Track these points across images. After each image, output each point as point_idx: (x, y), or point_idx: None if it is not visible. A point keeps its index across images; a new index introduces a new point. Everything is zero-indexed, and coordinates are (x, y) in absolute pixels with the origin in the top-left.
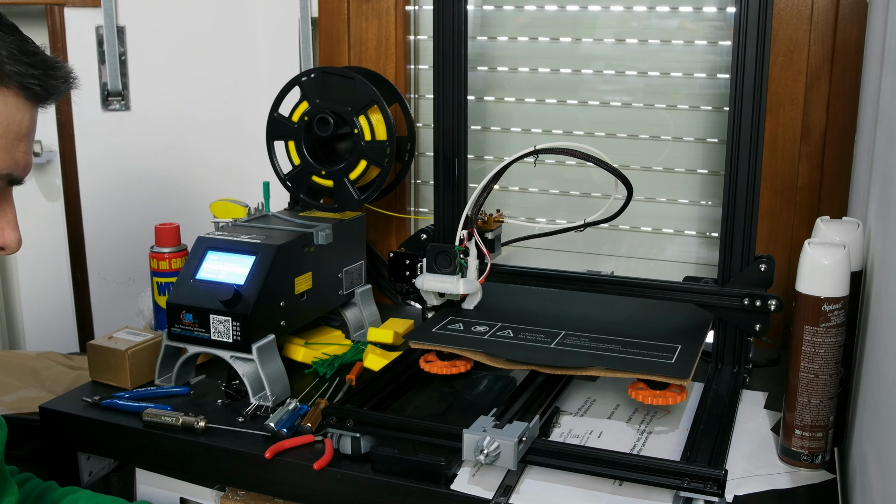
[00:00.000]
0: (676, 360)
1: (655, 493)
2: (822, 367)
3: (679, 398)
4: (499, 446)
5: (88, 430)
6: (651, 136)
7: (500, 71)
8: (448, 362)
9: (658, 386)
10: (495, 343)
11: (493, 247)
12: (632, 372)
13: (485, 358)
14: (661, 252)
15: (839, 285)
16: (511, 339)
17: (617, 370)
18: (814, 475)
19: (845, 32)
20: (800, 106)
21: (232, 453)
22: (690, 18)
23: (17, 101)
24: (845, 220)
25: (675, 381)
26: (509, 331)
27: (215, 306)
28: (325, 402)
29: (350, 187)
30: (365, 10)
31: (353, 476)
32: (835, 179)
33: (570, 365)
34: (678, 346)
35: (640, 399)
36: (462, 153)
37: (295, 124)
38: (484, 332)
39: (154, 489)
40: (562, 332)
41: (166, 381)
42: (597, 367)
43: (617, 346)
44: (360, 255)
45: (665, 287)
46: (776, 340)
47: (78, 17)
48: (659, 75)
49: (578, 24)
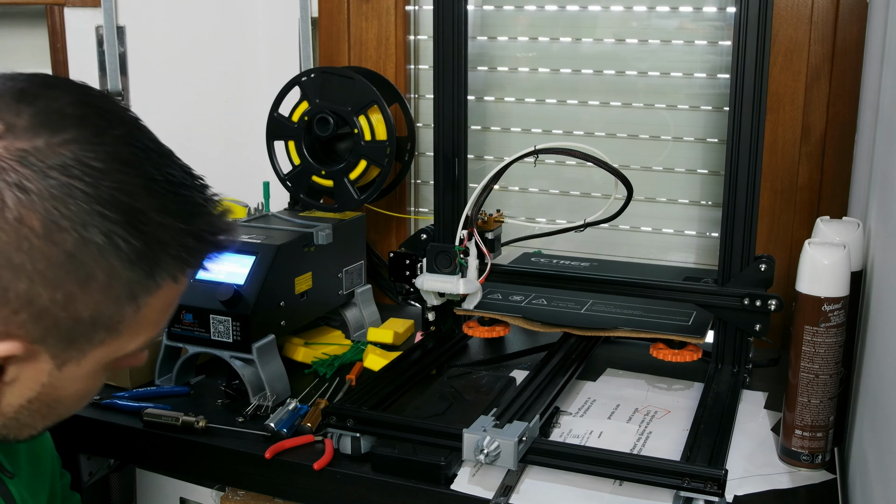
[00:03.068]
0: (693, 322)
1: (655, 493)
2: (822, 367)
3: (696, 356)
4: (499, 446)
5: (88, 429)
6: (651, 136)
7: (500, 71)
8: (488, 327)
9: (677, 345)
10: (532, 309)
11: (493, 247)
12: (653, 332)
13: (523, 322)
14: (661, 252)
15: (839, 285)
16: (545, 306)
17: (640, 330)
18: (814, 475)
19: (845, 32)
20: (800, 106)
21: (232, 453)
22: (690, 18)
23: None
24: (845, 220)
25: (692, 340)
26: (543, 299)
27: (215, 306)
28: (325, 402)
29: (350, 187)
30: (365, 10)
31: (353, 476)
32: (835, 179)
33: (599, 326)
34: (693, 312)
35: (660, 357)
36: (462, 153)
37: (295, 124)
38: (521, 301)
39: (154, 489)
40: (590, 300)
41: (166, 381)
42: (622, 328)
43: (640, 311)
44: (360, 255)
45: (665, 287)
46: (776, 340)
47: (78, 17)
48: (659, 75)
49: (578, 24)
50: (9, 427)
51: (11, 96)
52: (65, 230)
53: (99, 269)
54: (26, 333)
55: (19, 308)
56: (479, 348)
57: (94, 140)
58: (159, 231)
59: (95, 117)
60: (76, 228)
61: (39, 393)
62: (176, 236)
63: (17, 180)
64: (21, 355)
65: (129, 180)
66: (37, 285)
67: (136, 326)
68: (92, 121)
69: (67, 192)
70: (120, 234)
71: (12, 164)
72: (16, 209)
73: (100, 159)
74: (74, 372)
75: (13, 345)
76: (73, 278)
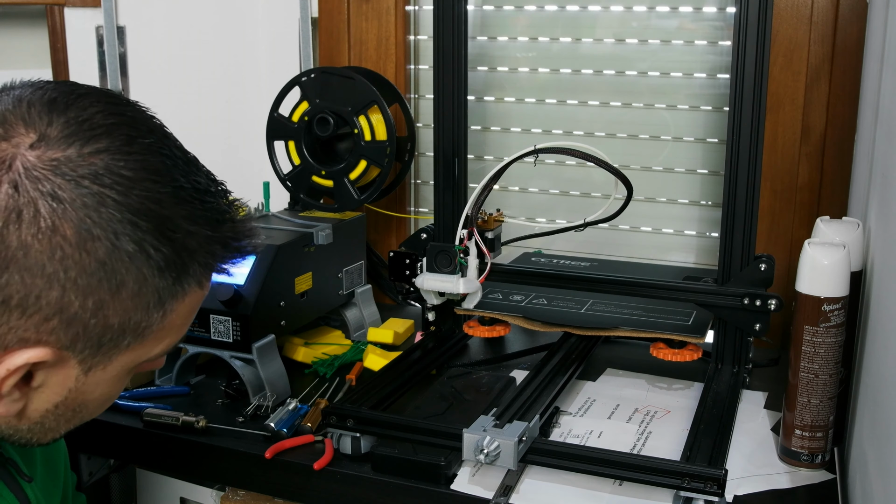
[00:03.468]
0: (693, 322)
1: (655, 493)
2: (822, 367)
3: (696, 355)
4: (499, 446)
5: (88, 429)
6: (651, 136)
7: (500, 71)
8: (489, 327)
9: (677, 345)
10: (532, 309)
11: (493, 246)
12: (653, 332)
13: (523, 321)
14: (661, 252)
15: (839, 285)
16: (545, 306)
17: (640, 330)
18: (814, 475)
19: (845, 32)
20: (800, 106)
21: (232, 453)
22: (690, 18)
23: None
24: (845, 220)
25: (692, 340)
26: (543, 299)
27: (215, 306)
28: (325, 402)
29: (350, 187)
30: (365, 10)
31: (353, 476)
32: (835, 179)
33: (599, 326)
34: (693, 312)
35: (660, 357)
36: (462, 153)
37: (295, 124)
38: (521, 300)
39: (154, 489)
40: (590, 300)
41: (166, 381)
42: (623, 328)
43: (640, 311)
44: (360, 255)
45: (665, 287)
46: (776, 340)
47: (78, 17)
48: (659, 75)
49: (578, 24)
50: (34, 431)
51: (42, 106)
52: (97, 238)
53: (130, 276)
54: (56, 340)
55: (51, 315)
56: (479, 348)
57: (125, 149)
58: (188, 239)
59: (125, 126)
60: (108, 237)
61: (66, 398)
62: (203, 244)
63: (50, 190)
64: (50, 361)
65: (158, 189)
66: (69, 293)
67: (161, 332)
68: (122, 130)
69: (99, 200)
70: (150, 242)
71: (46, 173)
72: (49, 218)
73: (130, 168)
74: (100, 377)
75: (43, 351)
76: (105, 286)
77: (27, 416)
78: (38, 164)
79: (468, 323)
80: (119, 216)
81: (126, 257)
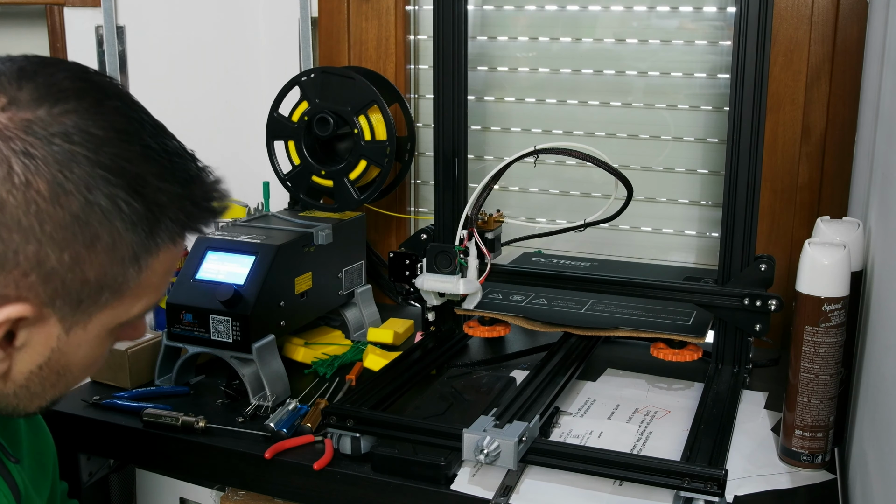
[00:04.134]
0: (693, 322)
1: (655, 493)
2: (822, 367)
3: (696, 355)
4: (499, 446)
5: (88, 429)
6: (651, 136)
7: (500, 71)
8: (489, 327)
9: (677, 345)
10: (532, 309)
11: (493, 247)
12: (653, 332)
13: (524, 322)
14: (661, 252)
15: (839, 285)
16: (545, 306)
17: (640, 330)
18: (814, 475)
19: (845, 32)
20: (800, 106)
21: (232, 453)
22: (690, 18)
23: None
24: (845, 220)
25: (692, 340)
26: (543, 299)
27: (215, 306)
28: (325, 402)
29: (350, 187)
30: (365, 10)
31: (353, 476)
32: (835, 179)
33: (599, 326)
34: (693, 312)
35: (661, 357)
36: (462, 153)
37: (295, 124)
38: (521, 301)
39: (154, 489)
40: (590, 300)
41: (166, 381)
42: (623, 327)
43: (640, 311)
44: (360, 255)
45: (665, 287)
46: (776, 340)
47: (78, 17)
48: (659, 75)
49: (578, 24)
50: (19, 397)
51: (11, 74)
52: (70, 193)
53: (104, 230)
54: (35, 296)
55: (29, 270)
56: (479, 348)
57: (93, 110)
58: (158, 195)
59: (93, 91)
60: (81, 192)
61: (49, 358)
62: (174, 200)
63: (22, 148)
64: (31, 318)
65: (127, 147)
66: (45, 247)
67: (138, 289)
68: (90, 94)
69: (71, 157)
70: (122, 197)
71: (17, 133)
72: (23, 174)
73: (99, 127)
74: (81, 337)
75: (24, 307)
76: (80, 240)
77: (12, 379)
78: (9, 124)
79: (468, 323)
80: (90, 172)
81: (99, 211)
